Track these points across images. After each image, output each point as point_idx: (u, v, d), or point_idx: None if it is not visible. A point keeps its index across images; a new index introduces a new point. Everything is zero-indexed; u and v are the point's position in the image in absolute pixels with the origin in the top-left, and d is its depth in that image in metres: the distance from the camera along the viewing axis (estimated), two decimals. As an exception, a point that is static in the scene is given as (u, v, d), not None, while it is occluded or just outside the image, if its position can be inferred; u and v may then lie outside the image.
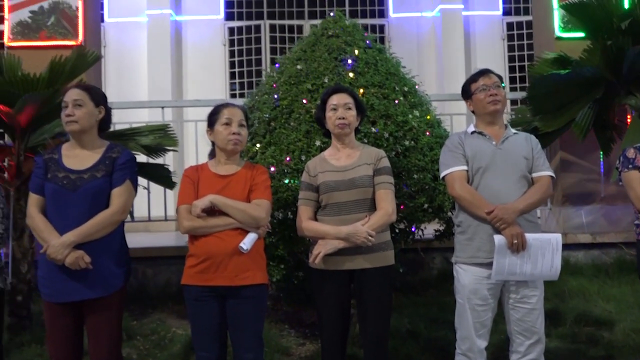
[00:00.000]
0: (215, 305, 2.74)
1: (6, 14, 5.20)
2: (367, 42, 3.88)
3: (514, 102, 7.37)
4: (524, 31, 9.27)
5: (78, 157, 2.78)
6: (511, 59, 9.43)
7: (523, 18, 9.32)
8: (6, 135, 4.22)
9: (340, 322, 2.91)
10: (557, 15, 5.58)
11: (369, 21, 9.32)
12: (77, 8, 5.17)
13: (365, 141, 3.39)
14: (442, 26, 9.10)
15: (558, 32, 5.61)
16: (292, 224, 3.35)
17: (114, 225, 2.73)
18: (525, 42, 9.26)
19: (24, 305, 4.03)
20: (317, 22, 5.18)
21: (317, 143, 3.42)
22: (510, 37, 9.47)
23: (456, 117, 5.94)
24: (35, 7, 5.11)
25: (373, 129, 3.47)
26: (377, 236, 2.80)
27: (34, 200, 2.74)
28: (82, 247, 2.61)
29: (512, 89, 9.06)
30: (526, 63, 8.93)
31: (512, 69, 9.40)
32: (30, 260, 4.05)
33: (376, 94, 3.58)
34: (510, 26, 9.49)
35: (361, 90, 3.55)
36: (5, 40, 5.19)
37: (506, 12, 9.54)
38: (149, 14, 8.68)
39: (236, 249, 2.68)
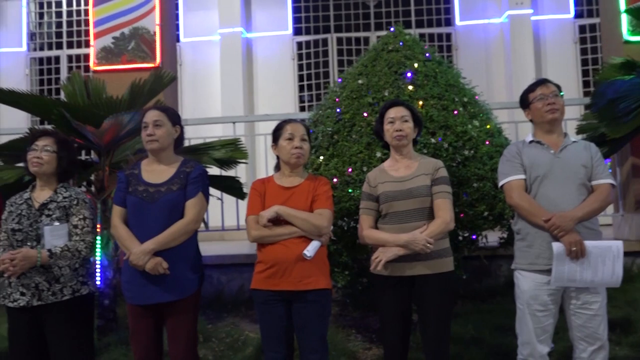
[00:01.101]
0: (281, 309, 2.92)
1: (92, 41, 5.63)
2: (427, 54, 3.98)
3: (587, 107, 7.20)
4: (597, 34, 9.03)
5: (156, 172, 3.04)
6: (584, 62, 9.20)
7: (596, 20, 9.07)
8: (92, 153, 4.57)
9: (401, 327, 3.02)
10: (624, 18, 5.47)
11: (435, 30, 9.36)
12: (154, 32, 5.54)
13: (425, 152, 3.49)
14: (510, 32, 9.00)
15: (626, 36, 5.50)
16: (355, 232, 3.50)
17: (189, 234, 2.97)
18: (599, 44, 9.01)
19: (111, 308, 4.36)
20: (384, 32, 5.32)
21: (378, 154, 3.55)
22: (582, 40, 9.24)
23: (523, 125, 5.90)
24: (117, 34, 5.52)
25: (432, 140, 3.57)
26: (435, 243, 2.90)
27: (117, 212, 3.02)
28: (161, 254, 2.86)
29: (587, 94, 8.84)
30: (600, 66, 8.70)
31: (585, 73, 9.17)
32: (115, 267, 4.38)
33: (435, 106, 3.68)
34: (582, 29, 9.26)
35: (420, 103, 3.65)
36: (91, 64, 5.63)
37: (578, 15, 9.32)
38: (221, 32, 9.07)
39: (300, 255, 2.85)
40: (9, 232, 3.03)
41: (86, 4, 9.48)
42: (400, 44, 3.99)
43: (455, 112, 3.69)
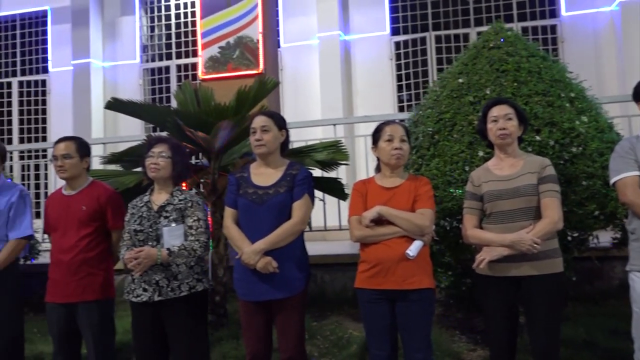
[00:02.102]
0: (385, 307, 2.97)
1: (200, 51, 5.95)
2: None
3: None
4: None
5: (264, 175, 3.18)
6: None
7: None
8: (202, 157, 4.83)
9: (507, 329, 2.98)
10: None
11: (539, 23, 9.03)
12: (257, 40, 5.77)
13: (530, 150, 3.42)
14: (621, 20, 8.51)
15: None
16: (458, 232, 3.48)
17: (296, 235, 3.09)
18: None
19: (221, 305, 4.59)
20: (484, 28, 5.22)
21: (480, 154, 3.52)
22: None
23: (638, 119, 5.58)
24: (223, 43, 5.80)
25: (537, 137, 3.48)
26: (543, 243, 2.84)
27: (229, 213, 3.20)
28: (270, 253, 3.00)
29: None
30: None
31: None
32: (226, 266, 4.61)
33: (540, 102, 3.58)
34: (703, 12, 8.59)
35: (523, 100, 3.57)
36: (199, 73, 5.94)
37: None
38: (320, 36, 9.25)
39: (403, 255, 2.89)
40: (131, 233, 3.29)
41: (193, 16, 9.99)
42: (502, 40, 3.92)
43: (562, 108, 3.56)
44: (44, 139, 10.50)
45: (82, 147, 3.60)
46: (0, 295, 3.60)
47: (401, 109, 9.14)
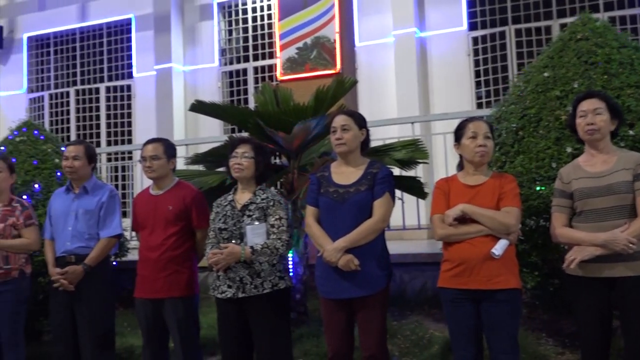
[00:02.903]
0: (470, 308, 2.91)
1: (278, 52, 6.05)
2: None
3: None
4: None
5: (344, 174, 3.20)
6: None
7: None
8: (281, 157, 4.90)
9: (600, 332, 2.85)
10: None
11: (627, 12, 8.57)
12: (334, 40, 5.80)
13: (622, 145, 3.26)
14: None
15: None
16: (544, 231, 3.37)
17: (377, 233, 3.09)
18: None
19: (302, 302, 4.65)
20: (568, 20, 5.03)
21: (568, 150, 3.39)
22: None
23: None
24: (300, 44, 5.87)
25: (631, 132, 3.32)
26: (639, 243, 2.71)
27: (310, 212, 3.23)
28: (351, 251, 3.01)
29: None
30: None
31: None
32: (306, 264, 4.66)
33: (633, 95, 3.41)
34: None
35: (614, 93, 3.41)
36: (278, 74, 6.04)
37: None
38: (395, 34, 9.16)
39: (488, 254, 2.83)
40: (216, 231, 3.38)
41: (270, 18, 10.14)
42: (590, 31, 3.76)
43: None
44: (130, 141, 10.95)
45: (169, 149, 3.73)
46: (93, 291, 3.79)
47: (479, 106, 8.92)
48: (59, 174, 4.86)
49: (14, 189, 4.21)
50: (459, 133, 3.10)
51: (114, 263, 4.13)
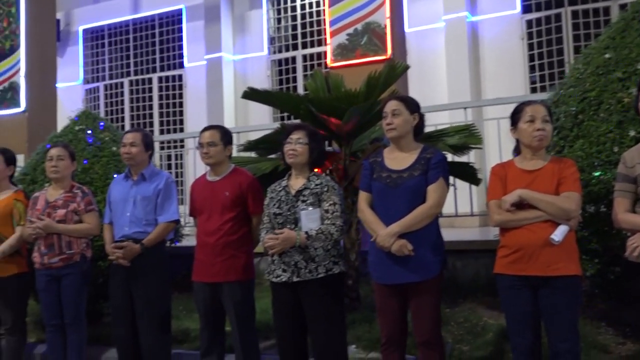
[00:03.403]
0: (527, 294, 2.86)
1: (328, 39, 6.04)
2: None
3: None
4: None
5: (397, 159, 3.18)
6: None
7: None
8: (333, 143, 4.90)
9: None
10: None
11: (691, -10, 8.19)
12: (385, 25, 5.75)
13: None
14: None
15: None
16: (605, 217, 3.27)
17: (431, 218, 3.06)
18: None
19: (354, 288, 4.65)
20: (628, 0, 4.84)
21: (631, 133, 3.27)
22: None
23: None
24: (350, 30, 5.84)
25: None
26: None
27: (363, 197, 3.23)
28: (405, 236, 3.00)
29: None
30: None
31: None
32: (357, 250, 4.66)
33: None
34: None
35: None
36: (328, 61, 6.03)
37: None
38: (446, 18, 9.01)
39: (547, 240, 2.77)
40: (271, 216, 3.42)
41: (318, 5, 10.13)
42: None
43: None
44: (181, 130, 11.16)
45: (226, 136, 3.79)
46: (150, 275, 3.90)
47: (533, 90, 8.70)
48: (116, 161, 4.99)
49: (74, 176, 4.36)
50: (515, 117, 3.03)
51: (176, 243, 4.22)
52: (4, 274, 4.12)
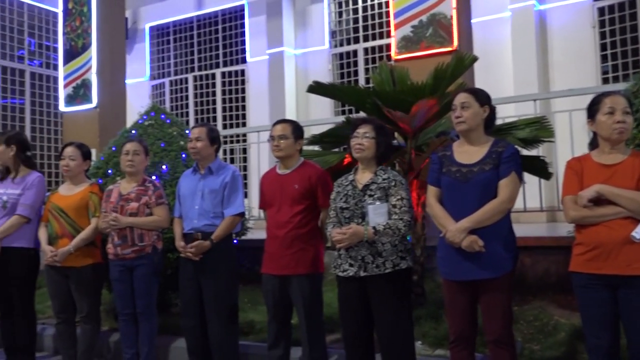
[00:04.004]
0: (605, 294, 2.75)
1: (392, 31, 5.97)
2: None
3: None
4: None
5: (467, 153, 3.11)
6: None
7: None
8: (398, 137, 4.85)
9: None
10: None
11: None
12: (451, 16, 5.63)
13: None
14: None
15: None
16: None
17: (502, 214, 2.99)
18: None
19: (419, 284, 4.60)
20: None
21: None
22: None
23: None
24: (415, 22, 5.75)
25: None
26: None
27: (432, 192, 3.18)
28: (475, 232, 2.93)
29: None
30: None
31: None
32: (423, 245, 4.60)
33: None
34: None
35: None
36: (392, 54, 5.97)
37: None
38: (512, 8, 8.77)
39: (627, 238, 2.65)
40: (337, 210, 3.42)
41: (381, -2, 10.05)
42: None
43: None
44: (244, 124, 11.32)
45: (297, 130, 3.82)
46: (219, 268, 3.97)
47: (605, 81, 8.34)
48: (184, 155, 5.10)
49: (146, 169, 4.48)
50: (593, 109, 2.91)
51: (235, 241, 4.29)
52: (79, 264, 4.27)
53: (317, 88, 4.51)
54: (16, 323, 4.45)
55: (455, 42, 5.67)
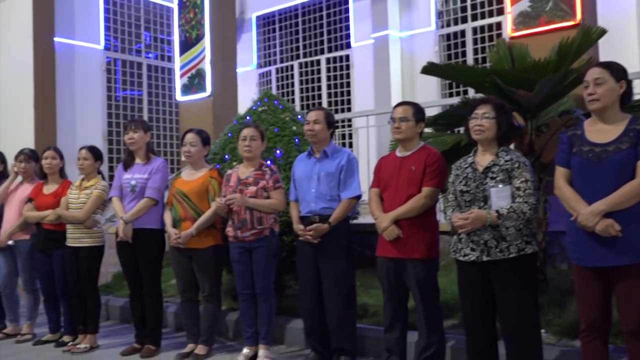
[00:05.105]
0: None
1: (508, 8, 5.71)
2: None
3: None
4: None
5: (601, 131, 2.92)
6: None
7: None
8: (517, 117, 4.65)
9: None
10: None
11: None
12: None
13: None
14: None
15: None
16: None
17: (640, 197, 2.77)
18: None
19: (541, 270, 4.40)
20: None
21: None
22: None
23: None
24: (540, -5, 5.47)
25: None
26: None
27: (561, 173, 3.02)
28: (611, 215, 2.74)
29: None
30: None
31: None
32: (544, 230, 4.40)
33: None
34: None
35: None
36: (509, 31, 5.71)
37: None
38: (638, -24, 8.15)
39: None
40: (457, 194, 3.33)
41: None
42: None
43: None
44: (349, 109, 11.33)
45: (418, 112, 3.77)
46: (337, 251, 4.01)
47: None
48: (296, 140, 5.18)
49: (262, 154, 4.59)
50: None
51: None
52: (202, 246, 4.47)
53: (431, 69, 4.40)
54: (145, 301, 4.73)
55: (579, 15, 5.32)
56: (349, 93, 11.54)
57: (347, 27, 11.57)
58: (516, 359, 3.17)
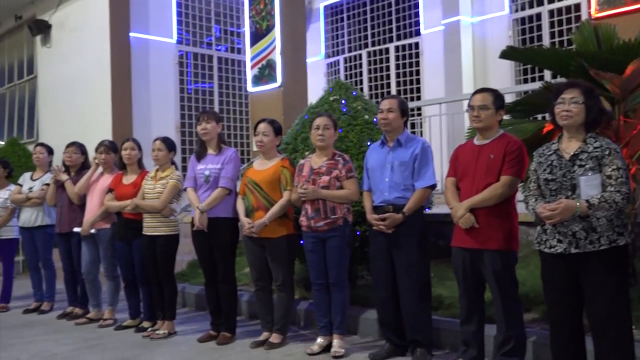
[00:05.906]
0: None
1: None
2: None
3: None
4: None
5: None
6: None
7: None
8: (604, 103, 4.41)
9: None
10: None
11: None
12: (664, -36, 4.98)
13: None
14: None
15: None
16: None
17: None
18: None
19: (629, 263, 4.16)
20: None
21: None
22: None
23: None
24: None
25: None
26: None
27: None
28: None
29: None
30: None
31: None
32: (633, 221, 4.15)
33: None
34: None
35: None
36: (593, 12, 5.43)
37: None
38: None
39: None
40: (540, 182, 3.18)
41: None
42: None
43: None
44: (418, 98, 11.12)
45: (498, 99, 3.63)
46: (411, 241, 3.93)
47: None
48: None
49: (334, 144, 4.55)
50: None
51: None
52: (274, 235, 4.48)
53: (511, 53, 4.23)
54: (220, 288, 4.81)
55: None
56: (418, 81, 11.33)
57: (417, 14, 11.34)
58: (605, 356, 3.00)
